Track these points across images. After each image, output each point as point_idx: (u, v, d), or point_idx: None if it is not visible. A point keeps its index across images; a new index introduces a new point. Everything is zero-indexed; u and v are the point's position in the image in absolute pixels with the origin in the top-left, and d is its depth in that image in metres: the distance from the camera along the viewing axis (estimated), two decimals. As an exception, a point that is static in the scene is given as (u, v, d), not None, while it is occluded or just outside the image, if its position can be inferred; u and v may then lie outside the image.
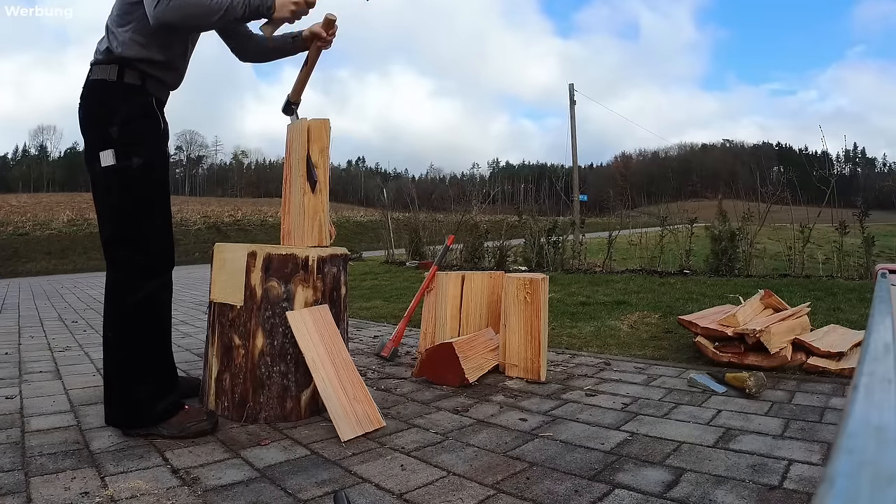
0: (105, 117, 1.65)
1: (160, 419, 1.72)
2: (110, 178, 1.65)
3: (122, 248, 1.69)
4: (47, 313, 5.52)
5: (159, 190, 1.74)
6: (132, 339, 1.71)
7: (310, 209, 2.07)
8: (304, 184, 2.06)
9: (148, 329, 1.73)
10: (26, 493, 1.32)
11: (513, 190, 16.63)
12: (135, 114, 1.66)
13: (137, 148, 1.66)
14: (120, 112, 1.64)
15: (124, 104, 1.65)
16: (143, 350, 1.72)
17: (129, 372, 1.70)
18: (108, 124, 1.64)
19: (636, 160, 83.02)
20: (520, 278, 2.51)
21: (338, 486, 1.38)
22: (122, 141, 1.64)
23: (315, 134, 2.06)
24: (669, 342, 3.21)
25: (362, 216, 34.85)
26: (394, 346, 2.97)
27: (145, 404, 1.70)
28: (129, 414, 1.72)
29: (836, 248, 5.65)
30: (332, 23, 2.00)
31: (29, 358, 3.09)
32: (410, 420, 1.94)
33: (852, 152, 77.91)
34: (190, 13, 1.59)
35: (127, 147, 1.64)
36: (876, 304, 0.64)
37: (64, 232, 24.63)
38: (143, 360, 1.72)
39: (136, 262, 1.70)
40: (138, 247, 1.69)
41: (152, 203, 1.71)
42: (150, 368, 1.74)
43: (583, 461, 1.54)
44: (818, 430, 1.73)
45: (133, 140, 1.65)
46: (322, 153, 2.08)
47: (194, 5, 1.58)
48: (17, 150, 72.22)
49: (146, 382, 1.71)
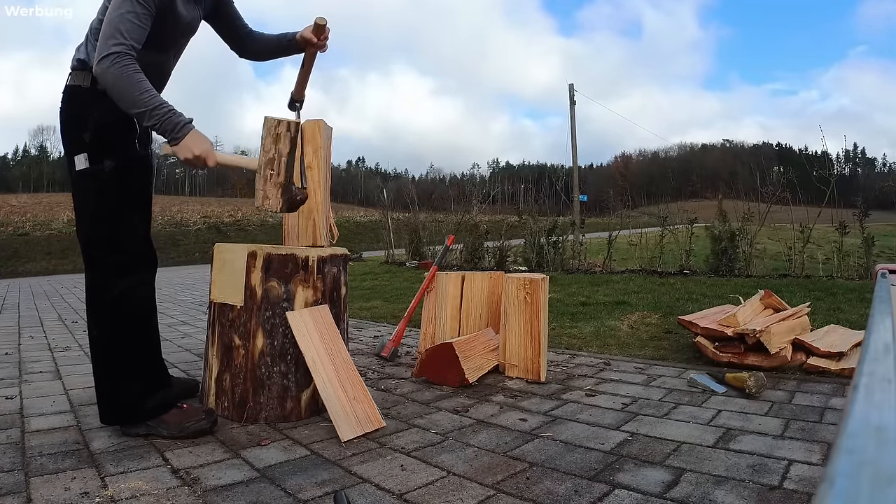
0: (79, 122, 1.67)
1: (150, 416, 1.72)
2: (85, 181, 1.68)
3: (98, 248, 1.71)
4: (47, 313, 5.53)
5: (135, 191, 1.75)
6: (114, 337, 1.72)
7: (304, 209, 2.06)
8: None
9: (129, 327, 1.73)
10: (26, 494, 1.32)
11: (513, 190, 16.63)
12: (107, 119, 1.66)
13: (109, 152, 1.67)
14: (93, 117, 1.66)
15: (97, 109, 1.66)
16: (126, 348, 1.73)
17: (114, 369, 1.72)
18: (81, 129, 1.67)
19: (636, 160, 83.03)
20: (520, 278, 2.51)
21: (338, 487, 1.38)
22: (94, 145, 1.66)
23: (308, 134, 2.06)
24: (669, 342, 3.21)
25: (362, 216, 34.87)
26: (394, 347, 2.97)
27: (133, 401, 1.71)
28: (117, 411, 1.73)
29: (836, 248, 5.65)
30: (322, 27, 1.99)
31: (29, 358, 3.09)
32: (410, 420, 1.94)
33: (852, 152, 77.95)
34: (117, 91, 1.54)
35: (99, 151, 1.66)
36: (876, 304, 0.64)
37: (64, 232, 24.64)
38: (127, 358, 1.73)
39: (110, 262, 1.71)
40: (113, 247, 1.70)
41: (126, 204, 1.72)
42: (136, 365, 1.74)
43: (583, 461, 1.54)
44: (818, 430, 1.73)
45: (105, 144, 1.67)
46: (316, 153, 2.08)
47: (123, 89, 1.53)
48: (17, 151, 72.28)
49: (132, 379, 1.72)
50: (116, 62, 1.51)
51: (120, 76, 1.51)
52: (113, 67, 1.50)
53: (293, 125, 1.69)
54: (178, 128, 1.57)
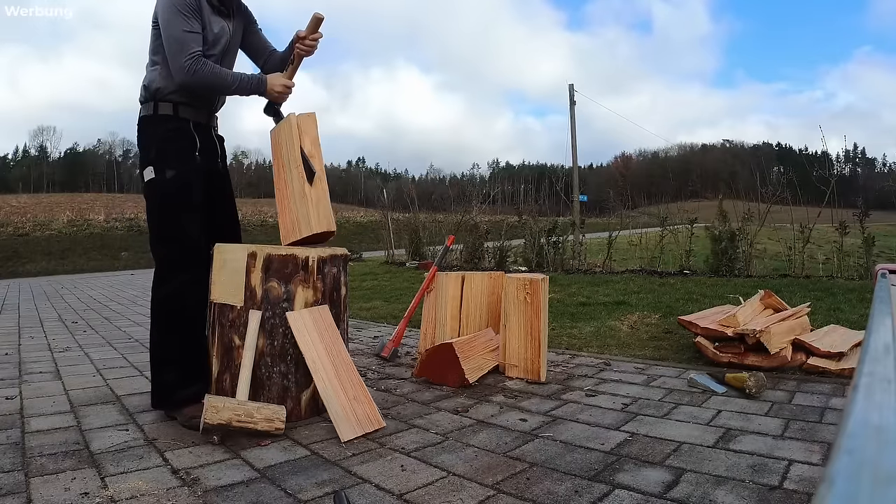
0: (147, 143, 2.01)
1: (179, 405, 1.91)
2: (152, 189, 1.98)
3: (159, 246, 1.99)
4: (47, 314, 5.52)
5: (193, 198, 2.02)
6: (162, 328, 1.98)
7: (313, 197, 2.04)
8: (303, 175, 2.04)
9: (173, 323, 1.97)
10: (26, 494, 1.32)
11: (513, 190, 16.62)
12: (168, 137, 1.99)
13: (171, 163, 1.98)
14: (157, 137, 2.00)
15: (159, 130, 2.00)
16: (171, 339, 1.96)
17: (160, 357, 1.97)
18: (148, 148, 2.01)
19: (636, 160, 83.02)
20: (520, 279, 2.51)
21: (338, 487, 1.38)
22: (157, 159, 1.98)
23: (304, 126, 2.08)
24: (669, 342, 3.21)
25: (362, 216, 34.84)
26: (394, 347, 2.97)
27: (169, 389, 1.94)
28: (157, 394, 1.99)
29: (836, 248, 5.65)
30: (319, 22, 2.06)
31: (29, 358, 3.09)
32: (410, 420, 1.94)
33: (852, 152, 77.96)
34: (208, 88, 1.99)
35: (162, 164, 1.97)
36: (876, 304, 0.64)
37: (64, 232, 24.62)
38: (171, 348, 1.96)
39: (169, 258, 1.98)
40: (171, 246, 1.98)
41: (184, 209, 1.99)
42: (177, 357, 1.95)
43: (583, 461, 1.54)
44: (818, 431, 1.73)
45: (166, 158, 1.98)
46: (314, 144, 2.10)
47: (212, 85, 1.96)
48: (17, 151, 72.19)
49: (172, 369, 1.95)
50: (192, 68, 1.89)
51: (204, 77, 1.91)
52: (195, 75, 1.90)
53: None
54: (259, 84, 2.03)
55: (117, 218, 28.53)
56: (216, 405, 1.67)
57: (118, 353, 3.25)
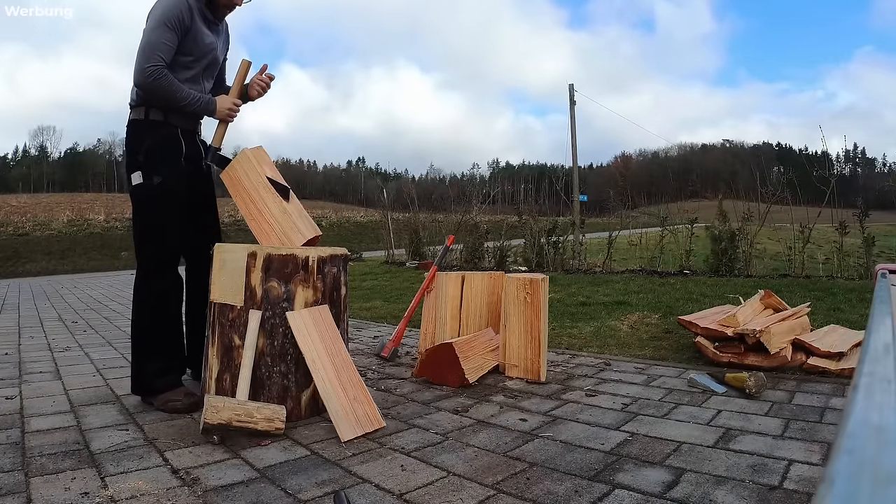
0: (136, 147, 2.08)
1: (158, 392, 2.05)
2: (139, 193, 2.07)
3: (145, 246, 2.09)
4: (47, 314, 5.53)
5: (178, 202, 2.12)
6: (147, 322, 2.10)
7: (293, 210, 2.13)
8: (276, 195, 2.10)
9: (160, 316, 2.10)
10: (26, 494, 1.32)
11: (513, 190, 16.62)
12: (157, 143, 2.08)
13: (159, 170, 2.06)
14: (146, 142, 2.07)
15: (149, 136, 2.08)
16: (155, 332, 2.09)
17: (143, 348, 2.09)
18: (137, 152, 2.08)
19: (636, 160, 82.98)
20: (520, 279, 2.51)
21: (338, 487, 1.38)
22: (146, 164, 2.06)
23: (259, 157, 2.16)
24: (669, 342, 3.21)
25: (362, 216, 34.84)
26: (394, 347, 2.98)
27: (149, 378, 2.07)
28: (138, 384, 2.11)
29: (836, 248, 5.65)
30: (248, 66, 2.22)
31: (29, 358, 3.10)
32: (410, 420, 1.94)
33: (852, 152, 77.95)
34: (159, 97, 2.04)
35: (150, 170, 2.06)
36: (876, 304, 0.64)
37: (64, 232, 24.62)
38: (155, 341, 2.09)
39: (157, 258, 2.09)
40: (158, 245, 2.09)
41: (169, 213, 2.09)
42: (157, 349, 2.09)
43: (583, 461, 1.54)
44: (818, 430, 1.73)
45: (154, 163, 2.06)
46: (272, 169, 2.20)
47: (164, 95, 2.02)
48: (17, 151, 72.20)
49: (152, 360, 2.07)
50: (154, 74, 1.96)
51: (160, 85, 1.99)
52: (154, 81, 1.97)
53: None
54: (208, 104, 2.13)
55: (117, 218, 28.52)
56: (216, 405, 1.67)
57: (118, 352, 3.25)
